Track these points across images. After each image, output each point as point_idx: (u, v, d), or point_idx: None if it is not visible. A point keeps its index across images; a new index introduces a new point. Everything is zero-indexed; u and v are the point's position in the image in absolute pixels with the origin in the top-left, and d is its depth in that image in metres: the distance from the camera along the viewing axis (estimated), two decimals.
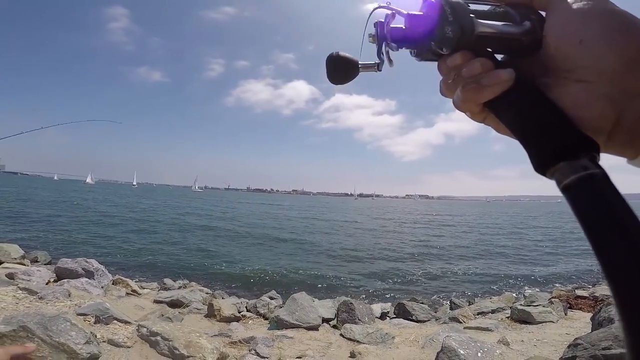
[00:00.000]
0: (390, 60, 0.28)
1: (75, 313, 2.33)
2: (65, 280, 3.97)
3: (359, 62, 0.28)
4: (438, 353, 2.43)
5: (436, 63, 0.27)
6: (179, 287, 5.36)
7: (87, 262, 4.43)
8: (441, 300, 5.56)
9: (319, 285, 6.29)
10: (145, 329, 2.23)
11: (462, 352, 2.41)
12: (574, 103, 0.22)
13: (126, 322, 2.47)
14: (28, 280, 3.72)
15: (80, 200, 26.87)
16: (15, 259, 5.64)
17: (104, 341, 2.13)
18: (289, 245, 11.53)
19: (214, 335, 2.68)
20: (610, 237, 0.18)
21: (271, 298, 4.67)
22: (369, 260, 9.30)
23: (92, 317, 2.34)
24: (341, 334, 3.05)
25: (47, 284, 3.99)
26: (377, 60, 0.28)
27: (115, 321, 2.42)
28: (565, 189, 0.20)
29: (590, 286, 6.05)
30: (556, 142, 0.21)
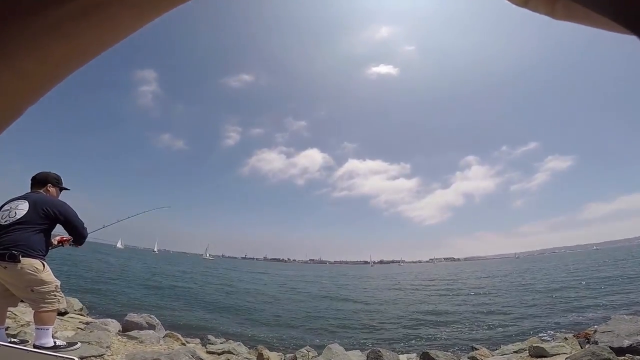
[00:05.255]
0: None
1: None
2: (136, 330, 4.72)
3: None
4: None
5: None
6: (221, 343, 5.95)
7: (150, 317, 5.20)
8: (465, 349, 5.90)
9: (348, 336, 6.74)
10: None
11: None
12: None
13: None
14: (107, 329, 4.50)
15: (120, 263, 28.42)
16: (75, 310, 6.49)
17: None
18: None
19: None
20: None
21: (307, 351, 5.21)
22: (395, 315, 9.57)
23: (186, 356, 3.10)
24: None
25: (118, 332, 4.75)
26: None
27: None
28: None
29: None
30: None
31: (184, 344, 5.27)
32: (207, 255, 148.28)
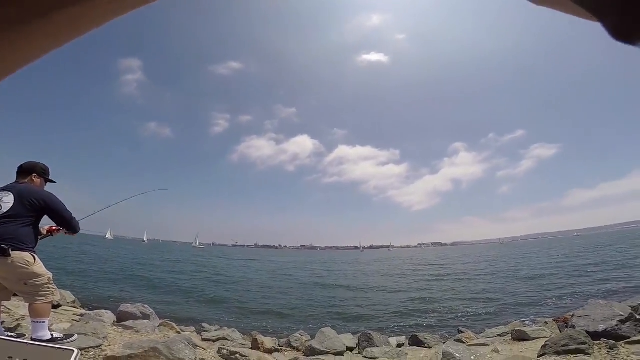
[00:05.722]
0: None
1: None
2: (131, 320, 4.75)
3: None
4: (441, 359, 3.19)
5: None
6: (216, 330, 6.04)
7: (144, 307, 5.23)
8: (451, 331, 6.16)
9: (339, 323, 6.94)
10: (225, 350, 3.04)
11: (458, 355, 3.13)
12: None
13: (204, 349, 3.27)
14: (102, 320, 4.52)
15: (108, 254, 28.03)
16: (68, 303, 6.45)
17: None
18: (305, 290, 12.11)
19: None
20: None
21: (301, 335, 5.35)
22: (384, 301, 9.86)
23: (182, 343, 3.16)
24: (363, 356, 3.77)
25: (113, 323, 4.78)
26: None
27: (198, 348, 3.22)
28: None
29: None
30: None
31: (178, 332, 5.33)
32: (197, 243, 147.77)
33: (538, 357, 3.00)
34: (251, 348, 4.28)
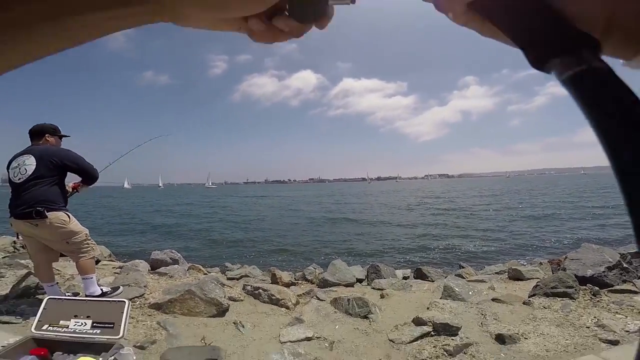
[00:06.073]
0: None
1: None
2: (163, 267, 5.30)
3: None
4: (442, 292, 3.55)
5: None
6: (238, 269, 6.71)
7: (172, 252, 5.76)
8: (453, 267, 6.68)
9: (349, 258, 7.63)
10: (249, 286, 3.48)
11: (457, 289, 3.46)
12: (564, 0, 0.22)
13: (230, 287, 3.75)
14: (139, 270, 5.06)
15: (128, 206, 29.44)
16: (105, 257, 7.12)
17: (226, 298, 3.40)
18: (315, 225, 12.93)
19: None
20: (616, 126, 0.17)
21: (314, 268, 5.93)
22: (391, 235, 10.57)
23: (212, 283, 3.61)
24: (372, 287, 4.25)
25: (148, 271, 5.35)
26: None
27: (225, 286, 3.70)
28: (566, 81, 0.20)
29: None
30: (554, 36, 0.21)
31: (206, 274, 5.95)
32: (210, 184, 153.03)
33: (528, 297, 3.23)
34: (271, 282, 4.77)
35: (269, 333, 2.69)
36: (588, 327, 2.52)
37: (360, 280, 4.79)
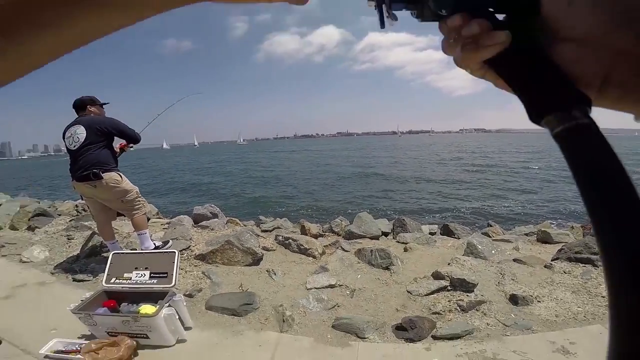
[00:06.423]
0: (393, 18, 0.31)
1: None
2: (204, 221, 5.81)
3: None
4: (464, 249, 3.54)
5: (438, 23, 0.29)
6: (271, 221, 7.19)
7: (212, 207, 6.24)
8: (482, 225, 6.50)
9: (377, 210, 7.83)
10: (281, 237, 3.82)
11: (480, 247, 3.44)
12: (564, 61, 0.25)
13: (264, 238, 4.13)
14: (184, 224, 5.61)
15: (167, 165, 31.28)
16: (153, 215, 7.85)
17: (260, 248, 3.77)
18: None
19: None
20: (594, 186, 0.19)
21: (341, 220, 6.17)
22: (420, 191, 10.53)
23: (248, 234, 3.99)
24: (397, 240, 4.39)
25: (192, 226, 5.90)
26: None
27: (259, 237, 4.07)
28: (556, 137, 0.22)
29: None
30: (549, 95, 0.24)
31: (242, 226, 6.46)
32: (241, 140, 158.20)
33: (551, 260, 3.16)
34: (300, 234, 5.03)
35: (297, 280, 3.00)
36: (603, 297, 2.45)
37: (385, 234, 4.85)
